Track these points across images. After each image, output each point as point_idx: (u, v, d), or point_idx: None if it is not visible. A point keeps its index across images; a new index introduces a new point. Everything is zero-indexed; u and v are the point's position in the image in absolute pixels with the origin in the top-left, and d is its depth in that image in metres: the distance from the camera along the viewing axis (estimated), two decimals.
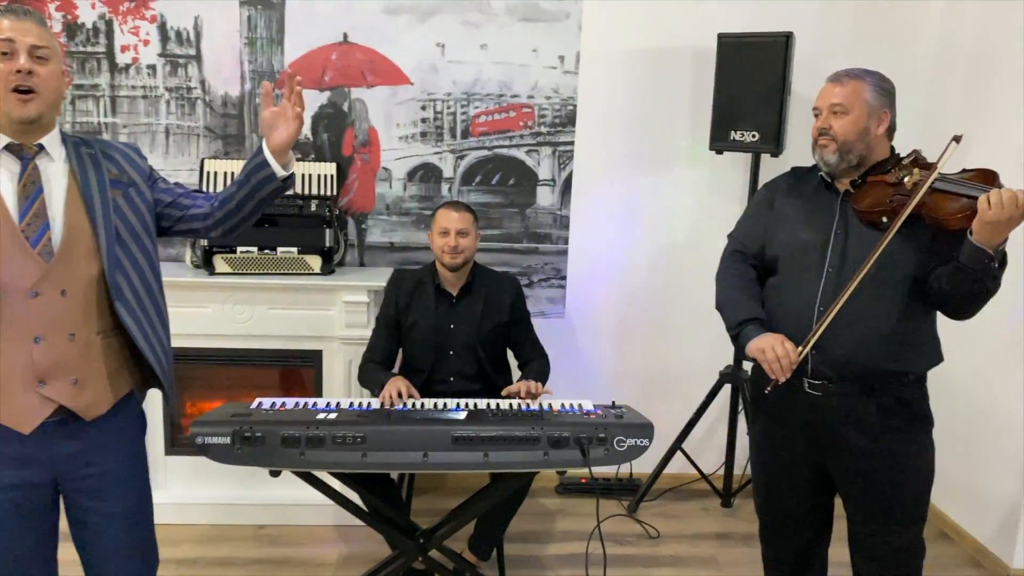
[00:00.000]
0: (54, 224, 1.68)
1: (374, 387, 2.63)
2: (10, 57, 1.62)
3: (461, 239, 2.66)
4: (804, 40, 3.22)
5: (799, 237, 2.07)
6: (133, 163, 1.85)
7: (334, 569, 2.90)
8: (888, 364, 1.97)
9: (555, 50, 3.33)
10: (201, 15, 3.22)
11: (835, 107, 2.01)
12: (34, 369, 1.66)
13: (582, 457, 2.16)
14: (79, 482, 1.76)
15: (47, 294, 1.66)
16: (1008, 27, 2.98)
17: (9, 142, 1.67)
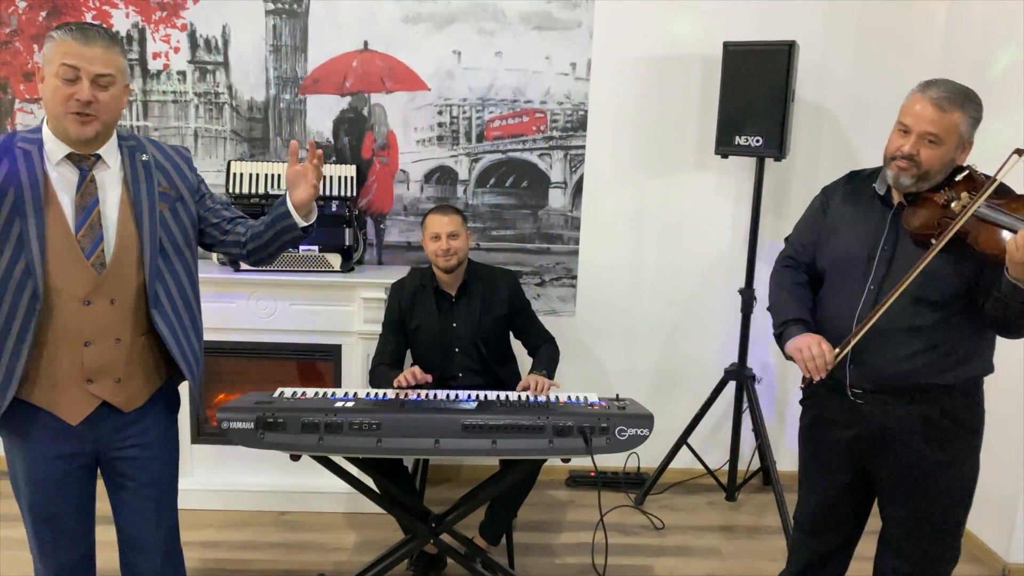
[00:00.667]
0: (107, 235, 1.79)
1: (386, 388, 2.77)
2: (73, 83, 1.69)
3: (452, 241, 2.78)
4: (807, 48, 3.31)
5: (846, 250, 2.06)
6: (183, 175, 1.95)
7: (350, 553, 3.03)
8: (928, 378, 1.96)
9: (567, 57, 3.44)
10: (229, 24, 3.37)
11: (929, 135, 1.90)
12: (83, 370, 1.80)
13: (585, 445, 2.27)
14: (117, 454, 1.91)
15: (98, 303, 1.78)
16: (1012, 33, 3.05)
17: (70, 152, 1.76)
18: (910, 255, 1.94)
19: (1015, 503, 2.97)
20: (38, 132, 1.78)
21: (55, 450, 1.83)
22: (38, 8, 3.32)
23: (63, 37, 1.70)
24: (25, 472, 1.85)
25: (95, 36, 1.71)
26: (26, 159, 1.74)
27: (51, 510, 1.87)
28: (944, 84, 1.94)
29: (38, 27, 3.34)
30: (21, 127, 3.39)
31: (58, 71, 1.68)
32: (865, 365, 2.00)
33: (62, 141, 1.76)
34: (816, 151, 3.52)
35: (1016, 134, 3.02)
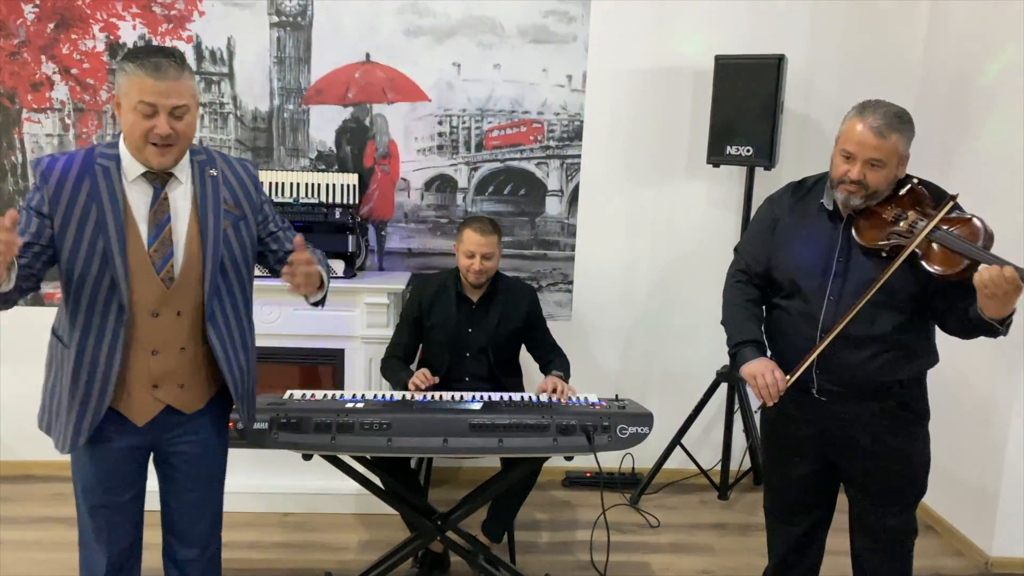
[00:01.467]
0: (177, 251, 1.88)
1: (395, 384, 2.85)
2: (151, 117, 1.76)
3: (486, 262, 2.85)
4: (796, 62, 3.43)
5: (802, 264, 2.16)
6: (248, 195, 2.01)
7: (355, 553, 3.11)
8: (887, 376, 2.11)
9: (563, 70, 3.55)
10: (234, 36, 3.45)
11: (873, 161, 2.01)
12: (151, 376, 1.90)
13: (588, 443, 2.37)
14: (172, 448, 2.01)
15: (165, 315, 1.89)
16: (987, 49, 3.19)
17: (145, 171, 1.84)
18: (863, 267, 2.06)
19: (996, 498, 3.08)
20: (115, 148, 1.86)
21: (118, 442, 1.94)
22: (46, 20, 3.39)
23: (136, 72, 1.74)
24: (90, 463, 1.94)
25: (166, 68, 1.75)
26: (105, 176, 1.82)
27: (111, 498, 1.97)
28: (879, 108, 2.03)
29: (46, 38, 3.40)
30: (28, 137, 3.47)
31: (136, 107, 1.75)
32: (830, 371, 2.13)
33: (139, 160, 1.84)
34: (803, 160, 3.63)
35: (995, 149, 3.16)
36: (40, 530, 3.19)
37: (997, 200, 3.08)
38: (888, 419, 2.15)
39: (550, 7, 3.49)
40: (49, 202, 1.81)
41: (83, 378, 1.85)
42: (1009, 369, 3.02)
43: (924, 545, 3.28)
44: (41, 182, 1.82)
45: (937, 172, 3.45)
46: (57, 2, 3.38)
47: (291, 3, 3.45)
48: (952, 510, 3.37)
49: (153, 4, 3.41)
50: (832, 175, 2.10)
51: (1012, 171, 3.03)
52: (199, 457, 2.04)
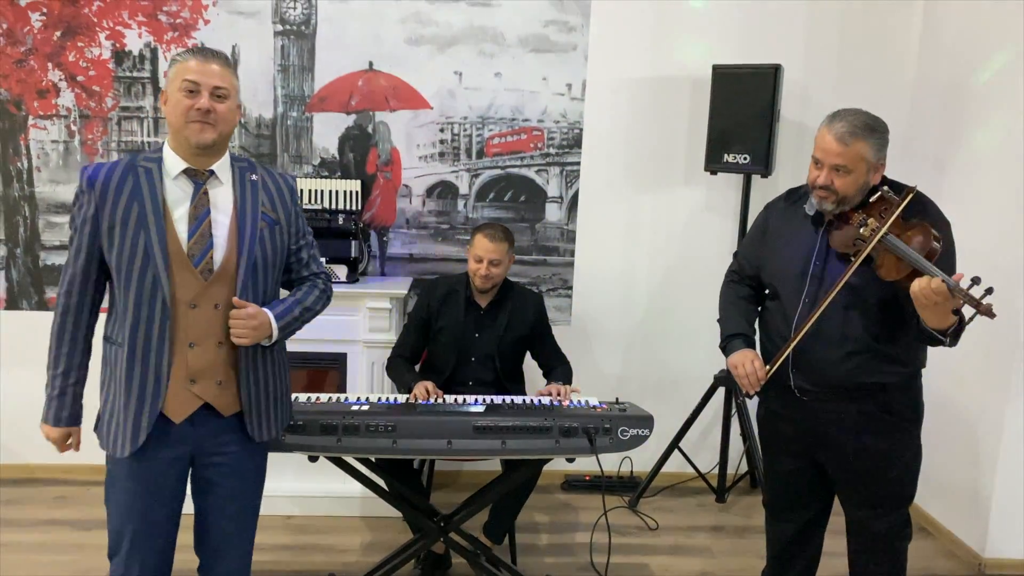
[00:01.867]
0: (216, 244, 1.92)
1: (400, 384, 2.89)
2: (194, 95, 1.86)
3: (493, 268, 2.91)
4: (792, 71, 3.50)
5: (784, 267, 2.25)
6: (285, 205, 2.06)
7: (358, 555, 3.14)
8: (862, 378, 2.15)
9: (563, 78, 3.61)
10: (239, 44, 3.50)
11: (837, 167, 2.08)
12: (188, 370, 1.92)
13: (590, 445, 2.41)
14: (210, 459, 2.01)
15: (203, 307, 1.92)
16: (979, 57, 3.26)
17: (186, 167, 1.91)
18: (839, 271, 2.12)
19: (988, 500, 3.13)
20: (158, 152, 1.94)
21: (160, 452, 1.94)
22: (52, 28, 3.43)
23: (184, 58, 1.89)
24: (130, 477, 1.94)
25: (212, 56, 1.91)
26: (147, 176, 1.89)
27: (148, 515, 1.96)
28: (847, 116, 2.09)
29: (52, 45, 3.44)
30: (34, 143, 3.51)
31: (181, 86, 1.86)
32: (805, 369, 2.20)
33: (181, 156, 1.91)
34: (800, 168, 3.69)
35: (988, 155, 3.22)
36: (42, 533, 3.21)
37: (990, 205, 3.14)
38: (868, 421, 2.19)
39: (550, 17, 3.55)
40: (96, 204, 1.88)
41: (136, 375, 1.89)
42: (1001, 373, 3.08)
43: (918, 547, 3.32)
44: (87, 187, 1.89)
45: (931, 178, 3.53)
46: (64, 10, 3.42)
47: (295, 12, 3.50)
48: (945, 512, 3.42)
49: (159, 12, 3.46)
50: (807, 181, 2.19)
51: (1004, 177, 3.09)
52: (239, 469, 2.05)
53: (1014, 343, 3.03)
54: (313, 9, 3.49)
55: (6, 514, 3.34)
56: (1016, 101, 3.04)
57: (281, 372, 2.12)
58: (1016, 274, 2.99)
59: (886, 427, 2.20)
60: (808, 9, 3.61)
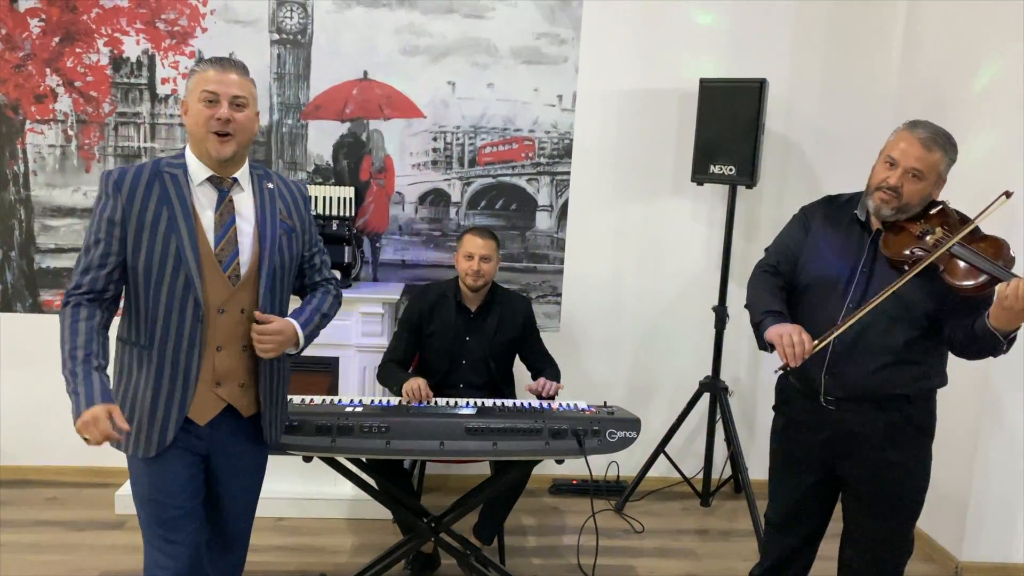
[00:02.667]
0: (242, 250, 1.97)
1: (392, 385, 2.94)
2: (214, 105, 1.89)
3: (484, 264, 2.98)
4: (776, 85, 3.59)
5: (828, 270, 2.21)
6: (299, 211, 2.11)
7: (348, 556, 3.18)
8: (893, 389, 2.15)
9: (554, 90, 3.69)
10: (235, 52, 3.55)
11: (914, 171, 2.06)
12: (215, 373, 1.98)
13: (579, 446, 2.47)
14: (223, 458, 2.06)
15: (230, 312, 1.97)
16: (957, 71, 3.36)
17: (211, 175, 1.95)
18: (886, 278, 2.10)
19: (965, 504, 3.22)
20: (181, 158, 1.97)
21: (181, 442, 1.97)
22: (51, 34, 3.48)
23: (204, 69, 1.92)
24: (151, 473, 1.97)
25: (230, 65, 1.94)
26: (174, 182, 1.93)
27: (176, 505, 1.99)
28: (930, 126, 2.11)
29: (51, 51, 3.49)
30: (31, 147, 3.55)
31: (200, 96, 1.89)
32: (838, 375, 2.19)
33: (204, 164, 1.95)
34: (784, 180, 3.80)
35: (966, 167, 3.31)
36: (37, 533, 3.24)
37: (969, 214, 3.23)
38: (893, 432, 2.19)
39: (542, 30, 3.63)
40: (123, 209, 1.90)
41: (166, 379, 1.92)
42: (977, 380, 3.16)
43: None
44: (114, 191, 1.90)
45: None
46: (63, 17, 3.47)
47: (291, 21, 3.56)
48: (923, 516, 3.47)
49: (157, 20, 3.51)
50: (870, 182, 2.16)
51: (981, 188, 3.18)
52: (249, 465, 2.13)
53: None
54: (309, 19, 3.56)
55: (1, 515, 3.37)
56: (996, 116, 3.14)
57: (288, 376, 2.19)
58: None
59: (907, 439, 2.21)
60: (793, 25, 3.70)
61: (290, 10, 3.55)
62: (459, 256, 3.04)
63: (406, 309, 3.16)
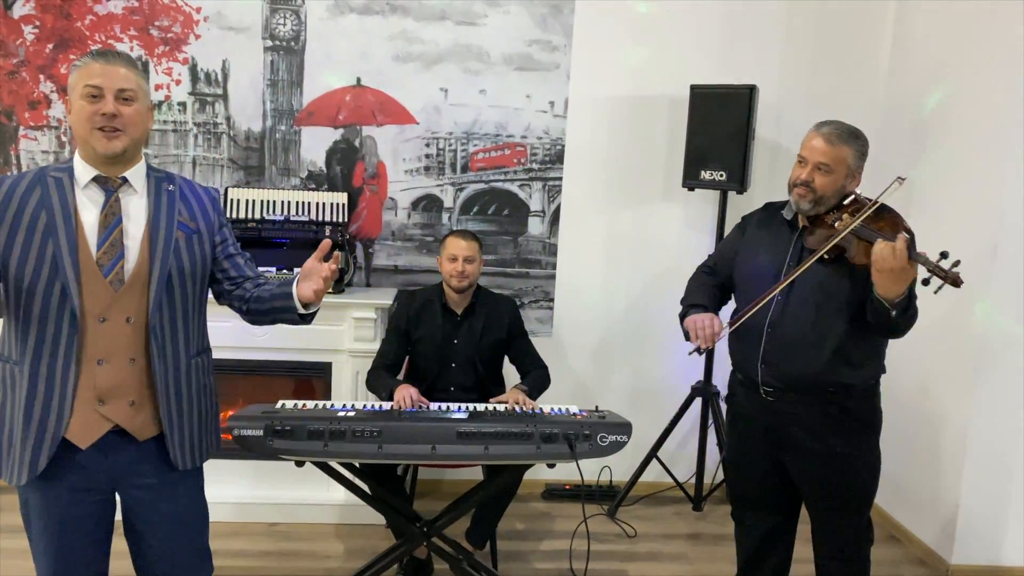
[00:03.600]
0: (128, 254, 1.81)
1: (382, 391, 2.95)
2: (97, 100, 1.75)
3: (468, 265, 3.00)
4: (767, 91, 3.62)
5: (758, 268, 2.35)
6: (205, 214, 1.96)
7: (340, 561, 3.18)
8: (829, 377, 2.24)
9: (546, 96, 3.71)
10: (229, 58, 3.57)
11: (821, 165, 2.21)
12: (96, 389, 1.78)
13: (570, 450, 2.48)
14: (130, 491, 1.88)
15: (113, 320, 1.79)
16: (944, 78, 3.40)
17: (96, 174, 1.80)
18: (811, 270, 2.21)
19: (955, 508, 3.24)
20: (69, 163, 1.84)
21: (71, 483, 1.81)
22: (45, 40, 3.49)
23: (83, 61, 1.78)
24: (39, 508, 1.83)
25: (114, 57, 1.79)
26: (57, 186, 1.79)
27: (65, 548, 1.84)
28: (835, 123, 2.27)
29: (44, 58, 3.50)
30: (24, 153, 3.55)
31: (82, 92, 1.75)
32: (773, 365, 2.29)
33: (90, 164, 1.81)
34: (773, 185, 3.81)
35: (955, 173, 3.34)
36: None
37: (956, 222, 3.27)
38: (831, 424, 2.27)
39: (534, 37, 3.66)
40: None
41: (39, 397, 1.76)
42: (966, 382, 3.19)
43: (886, 554, 3.44)
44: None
45: (899, 195, 3.64)
46: (56, 23, 3.48)
47: (285, 28, 3.58)
48: (914, 520, 3.52)
49: (150, 27, 3.52)
50: (789, 182, 2.31)
51: (966, 197, 3.22)
52: (169, 489, 1.91)
53: (977, 352, 3.15)
54: (303, 26, 3.58)
55: (5, 521, 3.35)
56: (975, 124, 3.17)
57: (206, 391, 2.00)
58: (980, 287, 3.11)
59: (848, 431, 2.28)
60: (783, 32, 3.74)
61: (283, 17, 3.57)
62: (442, 259, 3.06)
63: (394, 315, 3.18)
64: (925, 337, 3.47)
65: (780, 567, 2.57)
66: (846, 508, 2.36)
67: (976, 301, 3.11)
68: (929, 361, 3.40)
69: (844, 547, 2.41)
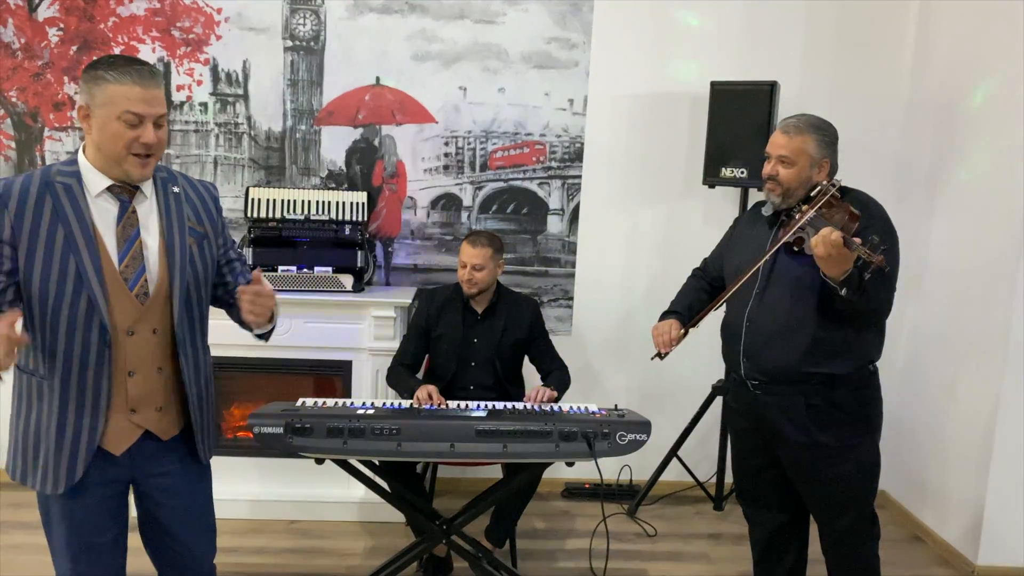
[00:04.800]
0: (149, 266, 1.81)
1: (402, 390, 2.96)
2: (138, 127, 1.71)
3: (476, 273, 3.00)
4: (788, 87, 3.58)
5: (739, 263, 2.39)
6: (210, 215, 1.96)
7: (361, 558, 3.20)
8: (808, 368, 2.24)
9: (565, 94, 3.70)
10: (249, 59, 3.60)
11: (782, 158, 2.27)
12: (128, 399, 1.82)
13: (589, 449, 2.47)
14: (151, 479, 1.92)
15: (141, 333, 1.81)
16: (970, 78, 3.34)
17: (111, 184, 1.77)
18: (788, 266, 2.27)
19: (981, 508, 3.19)
20: (73, 164, 1.78)
21: (95, 477, 1.83)
22: (69, 43, 3.54)
23: (122, 80, 1.69)
24: (68, 505, 1.83)
25: (149, 77, 1.73)
26: (68, 194, 1.74)
27: (91, 540, 1.87)
28: (797, 116, 2.32)
29: (69, 60, 3.54)
30: (50, 154, 3.60)
31: (121, 116, 1.69)
32: (755, 358, 2.32)
33: (104, 173, 1.77)
34: None
35: (981, 171, 3.29)
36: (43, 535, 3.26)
37: (982, 223, 3.22)
38: (816, 415, 2.27)
39: (553, 34, 3.65)
40: (12, 227, 1.72)
41: (71, 409, 1.78)
42: (992, 382, 3.14)
43: (911, 554, 3.40)
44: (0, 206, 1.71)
45: (924, 195, 3.60)
46: (80, 25, 3.52)
47: (305, 28, 3.60)
48: (938, 520, 3.47)
49: (172, 28, 3.56)
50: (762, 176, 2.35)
51: (997, 196, 3.17)
52: (183, 481, 1.96)
53: (1004, 352, 3.10)
54: (322, 26, 3.60)
55: (10, 516, 3.40)
56: (1008, 122, 3.12)
57: (213, 393, 2.07)
58: (1008, 289, 3.06)
59: (834, 422, 2.27)
60: (804, 28, 3.70)
61: (303, 17, 3.59)
62: (459, 263, 3.07)
63: (415, 313, 3.19)
64: (951, 336, 3.42)
65: (795, 567, 2.55)
66: (836, 503, 2.35)
67: (1003, 301, 3.06)
68: (955, 361, 3.36)
69: (841, 543, 2.40)
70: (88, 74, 1.72)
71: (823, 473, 2.32)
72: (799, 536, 2.55)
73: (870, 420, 2.34)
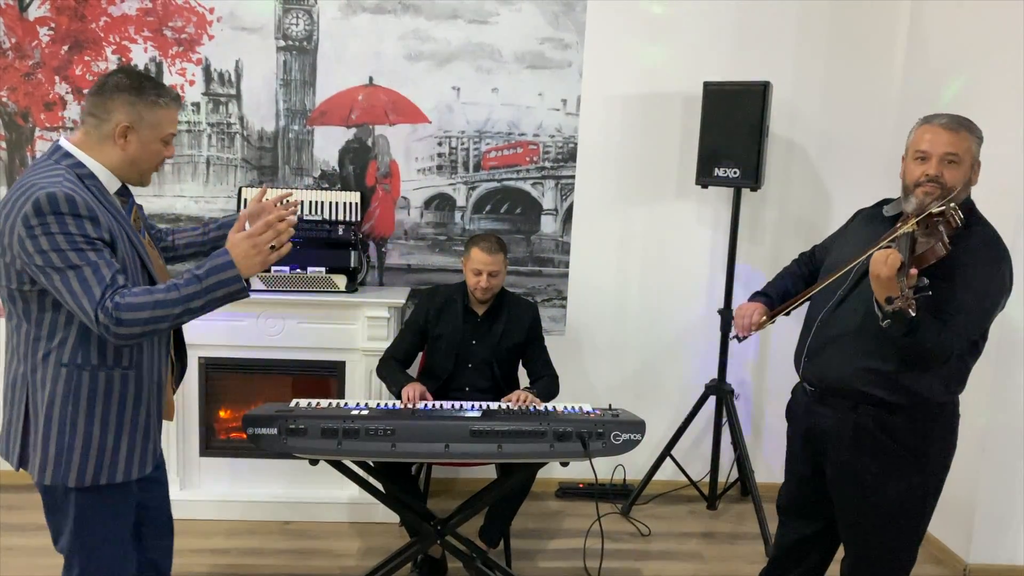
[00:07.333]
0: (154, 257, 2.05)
1: (391, 384, 2.96)
2: (169, 145, 1.94)
3: (492, 280, 3.00)
4: (780, 88, 3.59)
5: (838, 258, 2.24)
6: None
7: (355, 559, 3.19)
8: (864, 387, 2.10)
9: (558, 94, 3.70)
10: (242, 59, 3.59)
11: (949, 156, 2.02)
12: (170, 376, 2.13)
13: (583, 449, 2.48)
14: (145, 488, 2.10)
15: None
16: (962, 74, 3.36)
17: (120, 186, 1.92)
18: None
19: (972, 506, 3.21)
20: (83, 167, 1.82)
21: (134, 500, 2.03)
22: (60, 42, 3.52)
23: (170, 106, 1.90)
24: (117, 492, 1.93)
25: (178, 104, 1.96)
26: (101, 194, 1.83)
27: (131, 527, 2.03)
28: (947, 114, 2.11)
29: (60, 59, 3.52)
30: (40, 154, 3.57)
31: (165, 136, 1.91)
32: (815, 362, 2.22)
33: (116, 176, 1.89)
34: (788, 182, 3.80)
35: None
36: (43, 537, 3.16)
37: None
38: (865, 437, 2.13)
39: (546, 35, 3.65)
40: (106, 228, 1.80)
41: (145, 390, 1.95)
42: (983, 380, 3.15)
43: None
44: (86, 212, 1.75)
45: None
46: (71, 25, 3.50)
47: (297, 28, 3.59)
48: (933, 520, 3.48)
49: (164, 28, 3.54)
50: (907, 182, 2.11)
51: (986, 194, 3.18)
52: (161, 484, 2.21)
53: (995, 349, 3.11)
54: (315, 25, 3.59)
55: (8, 519, 3.39)
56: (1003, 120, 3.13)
57: None
58: None
59: (881, 449, 2.12)
60: (797, 29, 3.71)
61: (296, 17, 3.58)
62: (467, 269, 3.04)
63: (413, 310, 3.18)
64: None
65: (813, 571, 2.46)
66: (865, 533, 2.20)
67: None
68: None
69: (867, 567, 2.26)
70: (134, 95, 1.84)
71: (864, 499, 2.17)
72: (825, 547, 2.42)
73: (927, 458, 2.13)
